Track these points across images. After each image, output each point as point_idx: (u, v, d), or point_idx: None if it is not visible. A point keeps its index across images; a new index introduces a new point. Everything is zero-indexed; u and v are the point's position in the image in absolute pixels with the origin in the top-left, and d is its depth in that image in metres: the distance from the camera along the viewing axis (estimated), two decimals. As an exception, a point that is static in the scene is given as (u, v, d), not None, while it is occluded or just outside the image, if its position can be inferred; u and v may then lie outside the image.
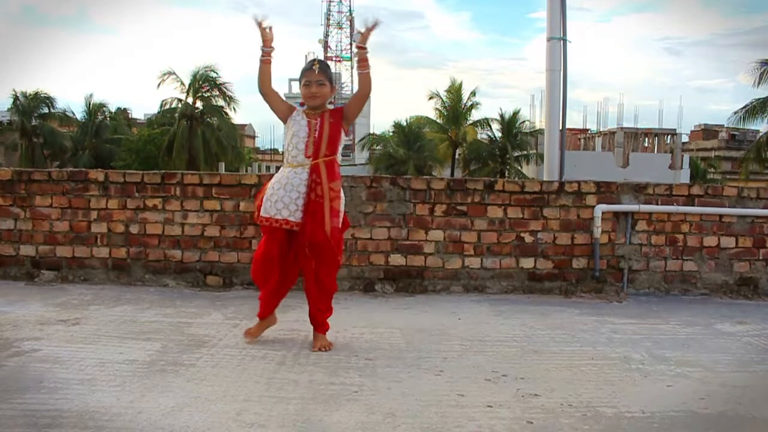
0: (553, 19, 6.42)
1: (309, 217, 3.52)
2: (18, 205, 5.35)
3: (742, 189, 5.56)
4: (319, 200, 3.52)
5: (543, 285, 5.33)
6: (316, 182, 3.53)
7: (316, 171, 3.54)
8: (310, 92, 3.58)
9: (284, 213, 3.54)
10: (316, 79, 3.57)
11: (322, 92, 3.59)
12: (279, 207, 3.54)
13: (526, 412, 2.77)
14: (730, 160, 49.39)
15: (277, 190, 3.57)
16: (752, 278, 5.46)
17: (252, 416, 2.64)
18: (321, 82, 3.58)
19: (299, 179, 3.54)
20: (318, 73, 3.57)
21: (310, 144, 3.55)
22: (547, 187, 5.40)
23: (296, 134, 3.58)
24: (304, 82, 3.60)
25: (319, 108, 3.62)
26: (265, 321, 3.77)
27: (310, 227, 3.52)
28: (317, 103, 3.61)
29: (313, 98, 3.59)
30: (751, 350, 3.82)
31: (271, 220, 3.56)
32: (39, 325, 3.92)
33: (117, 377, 3.04)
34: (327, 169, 3.55)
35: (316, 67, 3.59)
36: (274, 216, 3.55)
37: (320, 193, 3.52)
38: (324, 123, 3.57)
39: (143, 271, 5.30)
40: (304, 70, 3.61)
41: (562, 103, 6.53)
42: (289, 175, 3.56)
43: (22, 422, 2.51)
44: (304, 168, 3.55)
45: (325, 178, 3.53)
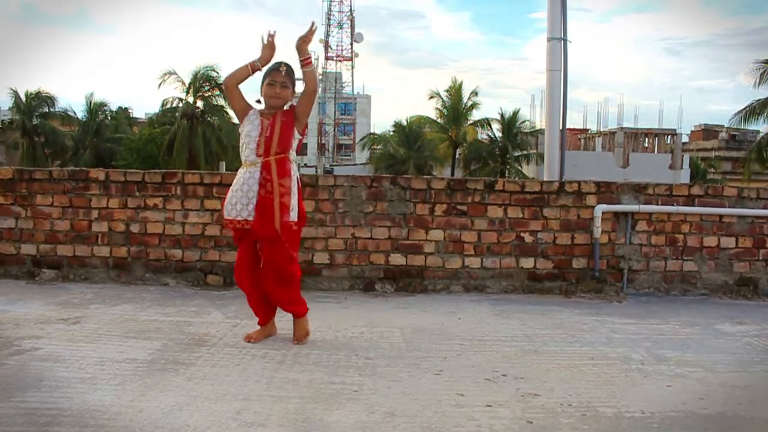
0: (554, 20, 6.42)
1: (258, 212, 3.55)
2: (19, 204, 5.36)
3: (742, 189, 5.56)
4: (269, 196, 3.55)
5: (543, 285, 5.33)
6: (267, 179, 3.56)
7: (266, 168, 3.57)
8: (274, 92, 3.62)
9: (243, 213, 3.57)
10: (281, 81, 3.61)
11: (285, 94, 3.63)
12: (238, 208, 3.58)
13: (525, 411, 2.78)
14: (730, 161, 49.35)
15: (235, 192, 3.61)
16: (752, 278, 5.46)
17: (252, 415, 2.64)
18: (285, 85, 3.62)
19: (253, 179, 3.57)
20: (284, 75, 3.62)
21: (261, 143, 3.58)
22: (548, 187, 5.40)
23: (249, 134, 3.62)
24: (269, 81, 3.62)
25: (276, 109, 3.65)
26: (266, 328, 3.79)
27: (259, 222, 3.55)
28: (278, 104, 3.63)
29: (276, 98, 3.62)
30: (750, 350, 3.82)
31: (234, 222, 3.61)
32: (39, 323, 3.92)
33: (117, 376, 3.04)
34: (278, 166, 3.57)
35: (283, 69, 3.62)
36: (236, 217, 3.59)
37: (270, 189, 3.55)
38: (276, 122, 3.60)
39: (144, 270, 5.31)
40: (271, 70, 3.64)
41: (563, 103, 6.53)
42: (244, 176, 3.60)
43: (23, 421, 2.51)
44: (256, 167, 3.58)
45: (275, 175, 3.56)
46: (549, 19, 6.48)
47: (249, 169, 3.60)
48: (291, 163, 3.66)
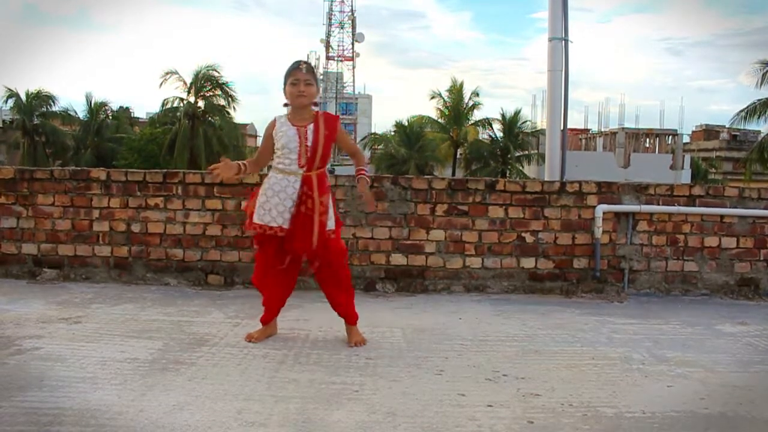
0: (555, 20, 6.42)
1: (298, 229, 3.50)
2: (20, 204, 5.36)
3: (743, 189, 5.56)
4: (309, 213, 3.50)
5: (544, 285, 5.33)
6: (308, 195, 3.50)
7: (307, 183, 3.51)
8: (298, 90, 3.51)
9: (279, 220, 3.53)
10: (304, 79, 3.52)
11: (310, 92, 3.54)
12: (273, 215, 3.54)
13: (526, 411, 2.78)
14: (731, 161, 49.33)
15: (270, 198, 3.54)
16: (753, 279, 5.46)
17: (253, 415, 2.64)
18: (308, 82, 3.53)
19: (292, 188, 3.52)
20: (305, 72, 3.53)
21: (303, 153, 3.51)
22: (549, 187, 5.40)
23: (286, 145, 3.52)
24: (291, 81, 3.53)
25: (303, 114, 3.56)
26: (268, 328, 3.79)
27: (299, 239, 3.51)
28: (304, 102, 3.55)
29: (301, 97, 3.53)
30: (751, 351, 3.82)
31: (265, 227, 3.56)
32: (40, 323, 3.92)
33: (118, 376, 3.05)
34: (319, 182, 3.53)
35: (303, 66, 3.55)
36: (269, 223, 3.55)
37: (311, 207, 3.50)
38: (318, 133, 3.53)
39: (145, 269, 5.31)
40: (292, 70, 3.56)
41: (564, 103, 6.52)
42: (281, 183, 3.54)
43: (24, 420, 2.52)
44: (297, 177, 3.53)
45: (316, 193, 3.51)
46: (550, 19, 6.48)
47: (287, 177, 3.53)
48: (327, 176, 3.65)
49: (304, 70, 3.53)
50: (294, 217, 3.51)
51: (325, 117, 3.61)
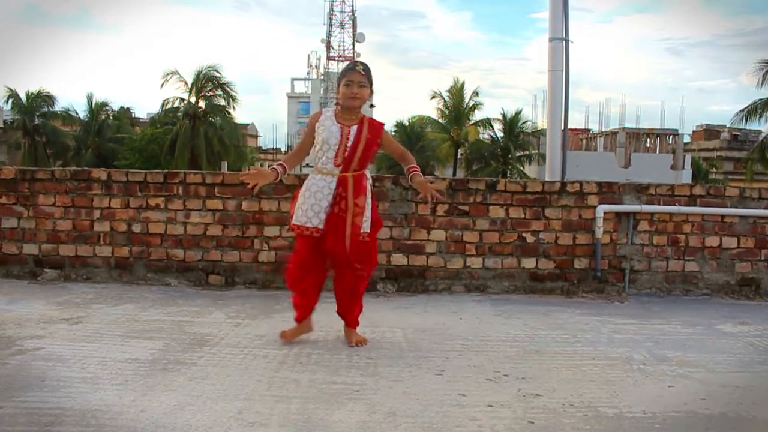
0: (555, 20, 6.42)
1: (331, 229, 3.49)
2: (21, 204, 5.36)
3: (744, 189, 5.56)
4: (342, 214, 3.49)
5: (544, 285, 5.33)
6: (342, 196, 3.49)
7: (343, 184, 3.50)
8: (352, 92, 3.47)
9: (314, 221, 3.52)
10: (359, 80, 3.48)
11: (363, 94, 3.50)
12: (309, 215, 3.52)
13: (527, 412, 2.78)
14: (732, 161, 49.31)
15: (307, 198, 3.53)
16: (754, 279, 5.46)
17: (253, 415, 2.65)
18: (362, 84, 3.49)
19: (328, 188, 3.51)
20: (360, 73, 3.50)
21: (340, 153, 3.49)
22: (549, 187, 5.40)
23: (327, 141, 3.50)
24: (345, 82, 3.48)
25: (351, 113, 3.54)
26: (302, 326, 3.75)
27: (331, 239, 3.50)
28: (356, 104, 3.52)
29: (354, 99, 3.49)
30: (752, 351, 3.82)
31: (302, 228, 3.54)
32: (42, 323, 3.93)
33: (119, 376, 3.05)
34: (355, 183, 3.50)
35: (359, 67, 3.52)
36: (305, 224, 3.53)
37: (344, 208, 3.49)
38: (360, 135, 3.50)
39: (145, 270, 5.31)
40: (348, 70, 3.53)
41: (564, 104, 6.52)
42: (318, 183, 3.52)
43: (25, 420, 2.52)
44: (333, 177, 3.51)
45: (350, 194, 3.49)
46: (551, 19, 6.48)
47: (324, 178, 3.52)
48: (367, 178, 3.61)
49: (360, 71, 3.51)
50: (328, 217, 3.50)
51: (370, 122, 3.57)
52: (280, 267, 5.27)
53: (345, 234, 3.49)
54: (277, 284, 5.24)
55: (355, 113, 3.55)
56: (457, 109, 36.61)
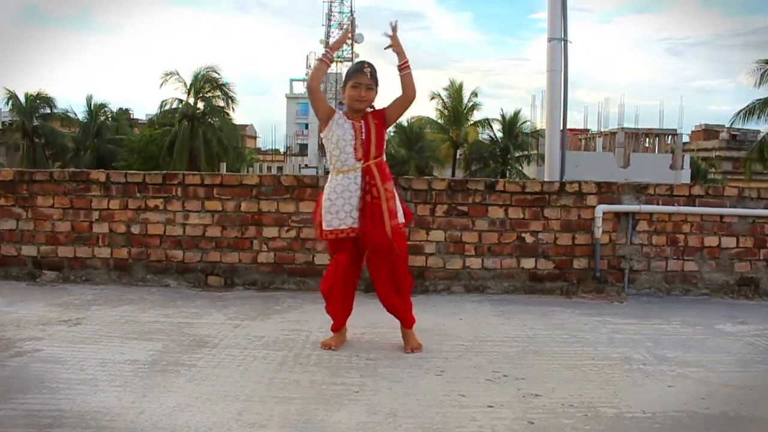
0: (554, 20, 6.41)
1: (368, 220, 3.47)
2: (20, 206, 5.36)
3: (743, 189, 5.56)
4: (375, 201, 3.46)
5: (544, 285, 5.33)
6: (371, 184, 3.47)
7: (369, 173, 3.49)
8: (359, 95, 3.49)
9: (348, 221, 3.49)
10: (366, 83, 3.49)
11: (370, 96, 3.52)
12: (342, 217, 3.49)
13: (527, 412, 2.77)
14: (730, 160, 49.37)
15: (335, 201, 3.50)
16: (753, 278, 5.46)
17: (253, 416, 2.64)
18: (370, 87, 3.50)
19: (355, 184, 3.49)
20: (369, 78, 3.50)
21: (359, 147, 3.49)
22: (548, 187, 5.40)
23: (342, 138, 3.49)
24: (353, 84, 3.49)
25: (360, 111, 3.56)
26: (341, 334, 3.71)
27: (370, 230, 3.47)
28: (363, 106, 3.53)
29: (360, 101, 3.51)
30: (752, 350, 3.82)
31: (336, 232, 3.50)
32: (41, 325, 3.92)
33: (118, 377, 3.05)
34: (379, 170, 3.51)
35: (367, 70, 3.51)
36: (339, 227, 3.50)
37: (376, 195, 3.47)
38: (369, 125, 3.52)
39: (145, 271, 5.31)
40: (355, 71, 3.52)
41: (563, 104, 6.52)
42: (343, 182, 3.50)
43: (24, 422, 2.51)
44: (356, 172, 3.50)
45: (378, 180, 3.48)
46: (549, 20, 6.47)
47: (348, 175, 3.50)
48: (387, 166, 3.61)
49: (368, 74, 3.50)
50: (362, 209, 3.48)
51: (373, 113, 3.60)
52: (279, 268, 5.27)
53: (384, 220, 3.47)
54: (277, 285, 5.25)
55: (361, 112, 3.57)
56: (456, 109, 36.62)
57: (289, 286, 5.26)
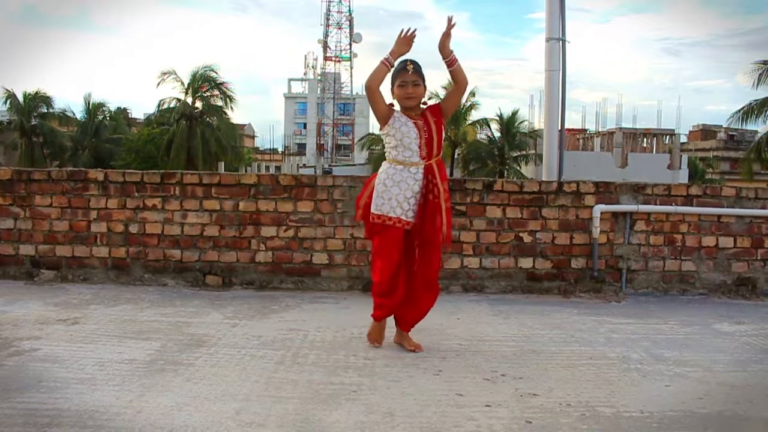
0: (552, 20, 6.43)
1: (428, 217, 3.49)
2: (18, 205, 5.35)
3: (741, 189, 5.57)
4: (436, 201, 3.50)
5: (542, 285, 5.33)
6: (433, 183, 3.50)
7: (431, 172, 3.51)
8: (407, 93, 3.52)
9: (397, 211, 3.50)
10: (412, 80, 3.52)
11: (417, 93, 3.54)
12: (393, 204, 3.50)
13: (524, 411, 2.78)
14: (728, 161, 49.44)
15: (390, 188, 3.51)
16: (750, 278, 5.47)
17: (251, 415, 2.64)
18: (416, 83, 3.53)
19: (413, 179, 3.50)
20: (412, 73, 3.52)
21: (423, 145, 3.50)
22: (546, 187, 5.41)
23: (407, 135, 3.50)
24: (399, 83, 3.52)
25: (414, 109, 3.58)
26: (383, 324, 3.67)
27: (429, 228, 3.49)
28: (412, 104, 3.56)
29: (409, 99, 3.54)
30: (749, 350, 3.82)
31: (384, 218, 3.51)
32: (38, 324, 3.92)
33: (116, 376, 3.04)
34: (440, 170, 3.54)
35: (410, 67, 3.53)
36: (388, 214, 3.50)
37: (437, 194, 3.50)
38: (430, 123, 3.54)
39: (143, 270, 5.31)
40: (398, 71, 3.54)
41: (561, 104, 6.53)
42: (402, 174, 3.51)
43: (22, 421, 2.51)
44: (418, 168, 3.51)
45: (439, 179, 3.52)
46: (548, 20, 6.49)
47: (409, 169, 3.51)
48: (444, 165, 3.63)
49: (411, 71, 3.53)
50: (422, 207, 3.50)
51: (430, 109, 3.61)
52: (277, 267, 5.27)
53: (442, 221, 3.51)
54: (275, 284, 5.25)
55: (417, 109, 3.59)
56: (454, 109, 36.56)
57: (287, 286, 5.26)
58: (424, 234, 3.51)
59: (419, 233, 3.52)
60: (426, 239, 3.53)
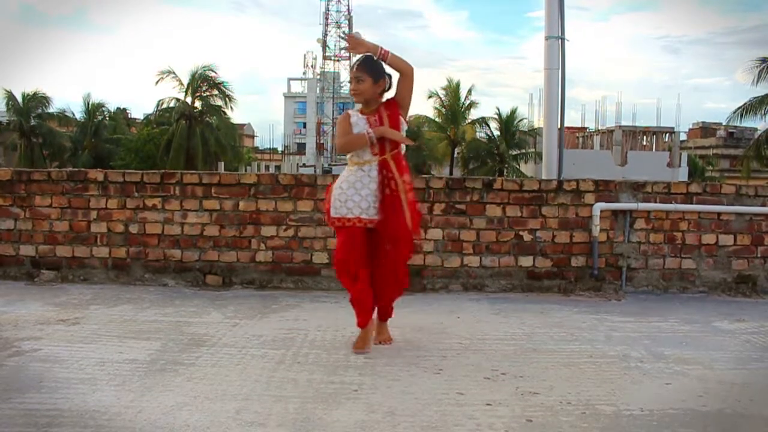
0: (552, 18, 6.42)
1: (389, 212, 3.50)
2: (18, 205, 5.35)
3: (740, 187, 5.57)
4: (395, 194, 3.51)
5: (542, 283, 5.34)
6: (389, 177, 3.51)
7: (386, 167, 3.53)
8: (352, 89, 3.62)
9: (356, 211, 3.51)
10: (356, 76, 3.57)
11: (360, 88, 3.56)
12: (350, 206, 3.51)
13: (525, 410, 2.78)
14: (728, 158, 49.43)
15: (346, 190, 3.53)
16: (750, 276, 5.47)
17: (251, 415, 2.65)
18: (360, 79, 3.55)
19: (368, 177, 3.52)
20: (356, 69, 3.57)
21: (375, 141, 3.51)
22: (546, 185, 5.41)
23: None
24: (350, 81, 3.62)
25: (370, 104, 3.60)
26: (370, 329, 3.65)
27: (392, 223, 3.51)
28: (358, 99, 3.63)
29: (356, 94, 3.61)
30: (749, 348, 3.83)
31: (343, 221, 3.53)
32: (39, 324, 3.92)
33: (117, 376, 3.05)
34: (396, 163, 3.55)
35: (355, 64, 3.60)
36: (346, 215, 3.52)
37: (394, 188, 3.51)
38: (382, 117, 3.56)
39: (143, 270, 5.31)
40: (350, 69, 3.63)
41: (561, 102, 6.53)
42: (356, 174, 3.53)
43: (22, 422, 2.51)
44: (371, 165, 3.53)
45: (396, 172, 3.53)
46: (547, 18, 6.49)
47: (362, 168, 3.52)
48: (404, 157, 3.64)
49: (355, 67, 3.59)
50: (381, 202, 3.51)
51: (385, 104, 3.63)
52: (277, 267, 5.27)
53: (404, 212, 3.52)
54: (275, 284, 5.25)
55: (374, 103, 3.61)
56: (453, 108, 36.59)
57: (287, 285, 5.26)
58: (388, 229, 3.52)
59: (384, 229, 3.53)
60: (390, 235, 3.53)
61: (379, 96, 3.62)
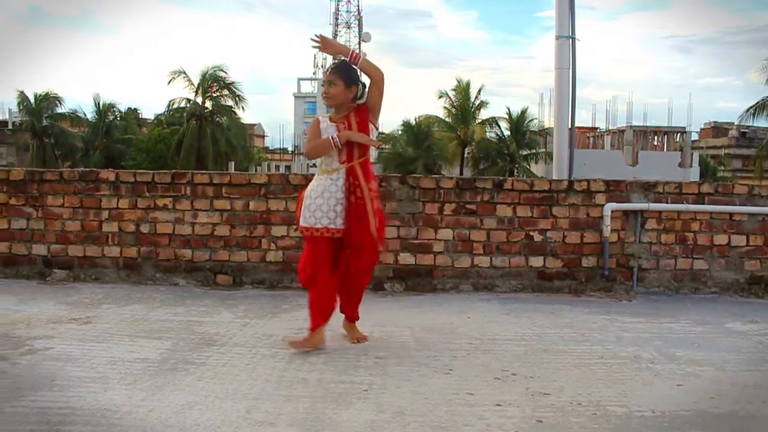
0: (562, 18, 6.41)
1: (354, 221, 3.49)
2: (30, 205, 5.39)
3: (753, 187, 5.53)
4: (360, 202, 3.50)
5: (552, 284, 5.32)
6: (355, 185, 3.50)
7: (352, 174, 3.52)
8: (323, 92, 3.62)
9: (324, 221, 3.51)
10: (328, 79, 3.57)
11: (331, 92, 3.56)
12: (318, 216, 3.51)
13: (535, 410, 2.77)
14: (740, 158, 49.08)
15: (314, 199, 3.53)
16: (763, 277, 5.42)
17: (262, 414, 2.65)
18: (332, 82, 3.55)
19: (335, 185, 3.52)
20: (329, 73, 3.58)
21: (343, 148, 3.51)
22: (557, 185, 5.39)
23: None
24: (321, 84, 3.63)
25: (340, 110, 3.59)
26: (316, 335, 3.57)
27: (356, 231, 3.50)
28: (329, 104, 3.60)
29: (326, 98, 3.60)
30: (762, 349, 3.80)
31: (311, 230, 3.53)
32: (51, 323, 3.95)
33: (128, 375, 3.06)
34: (363, 170, 3.54)
35: (329, 68, 3.62)
36: (314, 225, 3.52)
37: (360, 195, 3.50)
38: (351, 124, 3.54)
39: (154, 270, 5.33)
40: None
41: (571, 102, 6.51)
42: (324, 183, 3.54)
43: (35, 420, 2.53)
44: (339, 173, 3.53)
45: (362, 180, 3.52)
46: (557, 17, 6.47)
47: (330, 176, 3.53)
48: (371, 165, 3.66)
49: (328, 71, 3.60)
50: (347, 210, 3.50)
51: (355, 109, 3.61)
52: (287, 266, 5.28)
53: (369, 220, 3.51)
54: (285, 284, 5.26)
55: (344, 108, 3.59)
56: (463, 108, 36.54)
57: (297, 285, 5.26)
58: (352, 238, 3.51)
59: (348, 237, 3.52)
60: (353, 242, 3.52)
61: (351, 102, 3.59)
